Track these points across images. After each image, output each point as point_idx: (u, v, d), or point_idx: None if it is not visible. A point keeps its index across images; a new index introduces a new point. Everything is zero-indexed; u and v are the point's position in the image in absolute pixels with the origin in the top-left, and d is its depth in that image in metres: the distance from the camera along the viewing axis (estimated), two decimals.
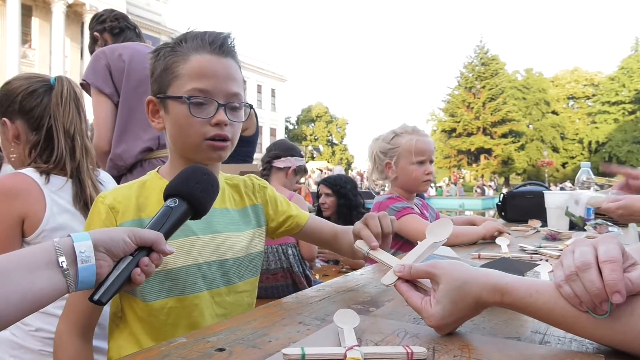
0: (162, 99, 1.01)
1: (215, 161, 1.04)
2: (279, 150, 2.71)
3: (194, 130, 0.98)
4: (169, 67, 0.99)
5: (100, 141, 2.05)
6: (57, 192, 1.31)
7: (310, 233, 1.23)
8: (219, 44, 0.99)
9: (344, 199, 3.33)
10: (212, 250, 1.03)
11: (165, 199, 0.80)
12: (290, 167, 2.66)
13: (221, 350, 0.65)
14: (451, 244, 1.70)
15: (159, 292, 0.97)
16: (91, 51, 2.39)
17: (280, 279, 2.36)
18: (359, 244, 0.90)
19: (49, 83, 1.38)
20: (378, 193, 2.16)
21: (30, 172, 1.29)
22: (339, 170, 16.94)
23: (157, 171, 1.08)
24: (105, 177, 1.53)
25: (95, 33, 2.35)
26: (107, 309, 1.07)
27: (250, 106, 1.08)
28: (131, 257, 0.71)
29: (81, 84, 2.12)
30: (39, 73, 1.48)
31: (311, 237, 1.25)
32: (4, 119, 1.36)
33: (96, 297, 0.67)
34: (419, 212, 1.95)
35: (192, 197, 0.80)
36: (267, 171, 2.68)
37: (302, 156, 2.76)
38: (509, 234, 1.73)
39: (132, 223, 0.98)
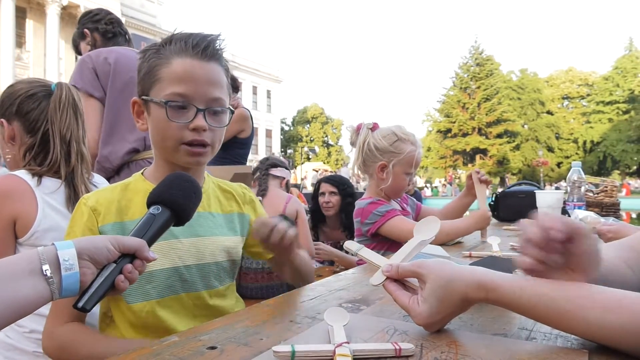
0: (145, 101, 1.02)
1: (194, 166, 1.04)
2: (276, 160, 2.94)
3: (171, 134, 0.98)
4: (152, 69, 1.00)
5: (91, 144, 2.06)
6: (50, 194, 1.32)
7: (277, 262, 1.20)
8: (202, 48, 0.99)
9: (351, 198, 3.18)
10: (192, 254, 1.03)
11: (149, 206, 0.81)
12: (284, 178, 2.89)
13: (212, 348, 0.65)
14: (441, 242, 1.71)
15: (138, 295, 0.98)
16: (75, 45, 2.37)
17: (274, 279, 2.37)
18: (348, 245, 0.90)
19: (50, 88, 1.40)
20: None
21: (22, 174, 1.31)
22: (345, 172, 16.65)
23: (142, 173, 1.09)
24: (99, 180, 1.54)
25: (86, 30, 2.32)
26: (96, 308, 1.08)
27: (232, 111, 1.06)
28: (115, 265, 0.72)
29: None
30: (44, 79, 1.50)
31: (276, 264, 1.21)
32: (2, 119, 1.39)
33: (80, 304, 0.68)
34: (401, 209, 1.95)
35: (174, 204, 0.81)
36: (265, 177, 2.80)
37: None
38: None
39: (114, 226, 0.98)
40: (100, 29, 2.30)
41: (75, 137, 1.39)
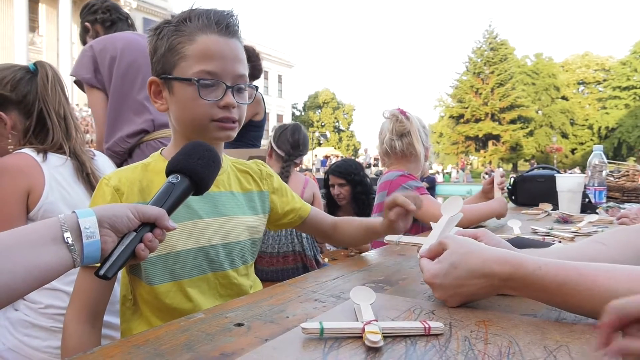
0: (166, 79, 0.99)
1: (223, 140, 1.03)
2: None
3: (201, 112, 0.97)
4: (174, 47, 0.97)
5: (98, 139, 2.08)
6: (57, 168, 1.35)
7: (311, 225, 1.23)
8: (225, 24, 0.98)
9: (361, 186, 3.18)
10: (218, 233, 1.03)
11: (168, 175, 0.81)
12: (301, 162, 2.92)
13: (240, 325, 0.65)
14: (463, 225, 1.70)
15: (164, 276, 0.98)
16: (83, 40, 2.37)
17: (290, 262, 2.37)
18: (389, 238, 0.95)
19: (29, 69, 1.41)
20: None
21: (28, 151, 1.33)
22: (367, 158, 16.10)
23: (160, 153, 1.07)
24: (100, 158, 1.57)
25: (87, 23, 2.32)
26: (116, 290, 1.08)
27: (256, 88, 1.07)
28: (135, 233, 0.72)
29: (75, 82, 2.15)
30: (11, 63, 1.50)
31: (312, 229, 1.26)
32: None
33: (102, 272, 0.68)
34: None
35: (193, 173, 0.80)
36: (288, 163, 2.82)
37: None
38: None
39: None
40: (99, 19, 2.29)
41: (69, 113, 1.42)
